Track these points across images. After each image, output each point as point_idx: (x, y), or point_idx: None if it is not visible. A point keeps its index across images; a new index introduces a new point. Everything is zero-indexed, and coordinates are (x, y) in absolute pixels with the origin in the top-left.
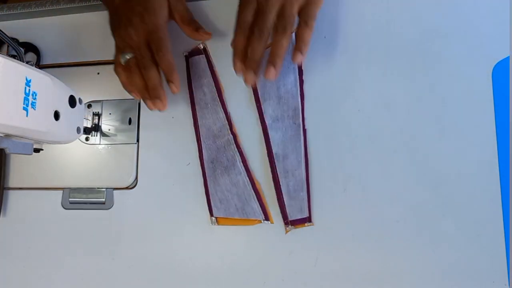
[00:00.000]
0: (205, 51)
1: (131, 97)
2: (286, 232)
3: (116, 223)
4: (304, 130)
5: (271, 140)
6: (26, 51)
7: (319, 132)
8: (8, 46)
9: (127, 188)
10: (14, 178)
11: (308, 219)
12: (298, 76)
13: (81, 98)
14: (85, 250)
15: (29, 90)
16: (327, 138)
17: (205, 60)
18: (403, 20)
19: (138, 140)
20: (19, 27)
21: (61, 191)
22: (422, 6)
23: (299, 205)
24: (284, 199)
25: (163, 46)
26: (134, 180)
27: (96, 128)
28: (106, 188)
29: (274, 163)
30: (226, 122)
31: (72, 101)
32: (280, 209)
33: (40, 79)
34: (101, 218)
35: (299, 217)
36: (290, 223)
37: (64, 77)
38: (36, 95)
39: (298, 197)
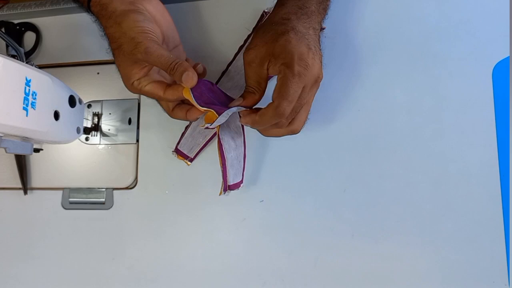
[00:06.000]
0: None
1: (131, 97)
2: None
3: (116, 223)
4: None
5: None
6: (25, 30)
7: (319, 132)
8: (7, 46)
9: (127, 188)
10: (14, 178)
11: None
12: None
13: (81, 98)
14: (85, 250)
15: (29, 90)
16: (327, 138)
17: None
18: (403, 20)
19: (138, 140)
20: None
21: (61, 191)
22: (422, 6)
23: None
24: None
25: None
26: (134, 180)
27: (96, 128)
28: (106, 188)
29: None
30: None
31: (72, 101)
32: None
33: (40, 79)
34: (101, 218)
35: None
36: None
37: (64, 77)
38: (36, 95)
39: None
